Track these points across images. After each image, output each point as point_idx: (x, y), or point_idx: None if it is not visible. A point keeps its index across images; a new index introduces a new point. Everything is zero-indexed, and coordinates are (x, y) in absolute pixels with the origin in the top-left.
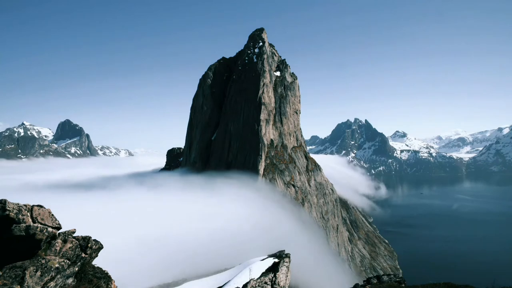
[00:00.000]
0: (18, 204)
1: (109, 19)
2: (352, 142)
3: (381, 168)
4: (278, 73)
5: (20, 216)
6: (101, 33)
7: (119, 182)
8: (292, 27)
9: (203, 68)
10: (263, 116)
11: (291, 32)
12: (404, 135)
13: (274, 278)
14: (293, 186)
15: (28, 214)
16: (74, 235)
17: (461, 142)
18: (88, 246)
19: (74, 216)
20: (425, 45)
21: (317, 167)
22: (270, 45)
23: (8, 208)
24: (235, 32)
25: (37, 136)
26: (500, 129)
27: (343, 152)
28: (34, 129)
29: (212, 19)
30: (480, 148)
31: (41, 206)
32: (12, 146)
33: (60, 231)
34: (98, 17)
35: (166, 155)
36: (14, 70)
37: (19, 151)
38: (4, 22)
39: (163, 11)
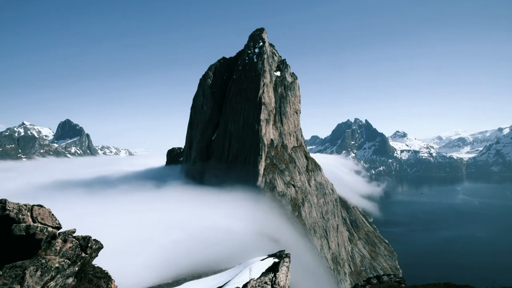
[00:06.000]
0: (18, 203)
1: (110, 17)
2: (352, 142)
3: (381, 168)
4: (278, 73)
5: (20, 215)
6: (101, 32)
7: (119, 182)
8: (292, 27)
9: (203, 68)
10: (263, 116)
11: (292, 32)
12: (404, 135)
13: (274, 278)
14: (293, 186)
15: (28, 213)
16: (74, 235)
17: (461, 142)
18: (88, 246)
19: (74, 216)
20: (425, 45)
21: (317, 167)
22: (271, 45)
23: (8, 208)
24: (235, 32)
25: (37, 136)
26: (500, 129)
27: (343, 152)
28: (34, 129)
29: (213, 19)
30: (480, 148)
31: (41, 206)
32: (12, 146)
33: (60, 230)
34: (99, 15)
35: (166, 155)
36: (14, 70)
37: (19, 151)
38: (4, 20)
39: (164, 10)
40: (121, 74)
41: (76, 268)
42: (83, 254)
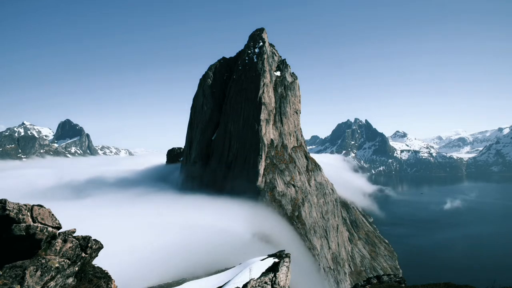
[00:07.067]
0: (18, 203)
1: (110, 17)
2: (352, 142)
3: (381, 168)
4: (278, 73)
5: (20, 215)
6: (102, 34)
7: (118, 183)
8: (292, 25)
9: (204, 68)
10: (263, 116)
11: (291, 30)
12: (404, 135)
13: (274, 278)
14: (293, 186)
15: (28, 213)
16: (74, 235)
17: (461, 142)
18: (88, 246)
19: (74, 216)
20: (426, 44)
21: (317, 167)
22: (271, 45)
23: (8, 208)
24: (235, 31)
25: (37, 136)
26: (500, 129)
27: (343, 152)
28: (34, 128)
29: (214, 20)
30: (480, 148)
31: (41, 206)
32: (13, 146)
33: (60, 230)
34: (100, 14)
35: (166, 155)
36: (14, 69)
37: (20, 151)
38: (4, 20)
39: (167, 9)
40: (122, 74)
41: (76, 268)
42: (83, 254)
